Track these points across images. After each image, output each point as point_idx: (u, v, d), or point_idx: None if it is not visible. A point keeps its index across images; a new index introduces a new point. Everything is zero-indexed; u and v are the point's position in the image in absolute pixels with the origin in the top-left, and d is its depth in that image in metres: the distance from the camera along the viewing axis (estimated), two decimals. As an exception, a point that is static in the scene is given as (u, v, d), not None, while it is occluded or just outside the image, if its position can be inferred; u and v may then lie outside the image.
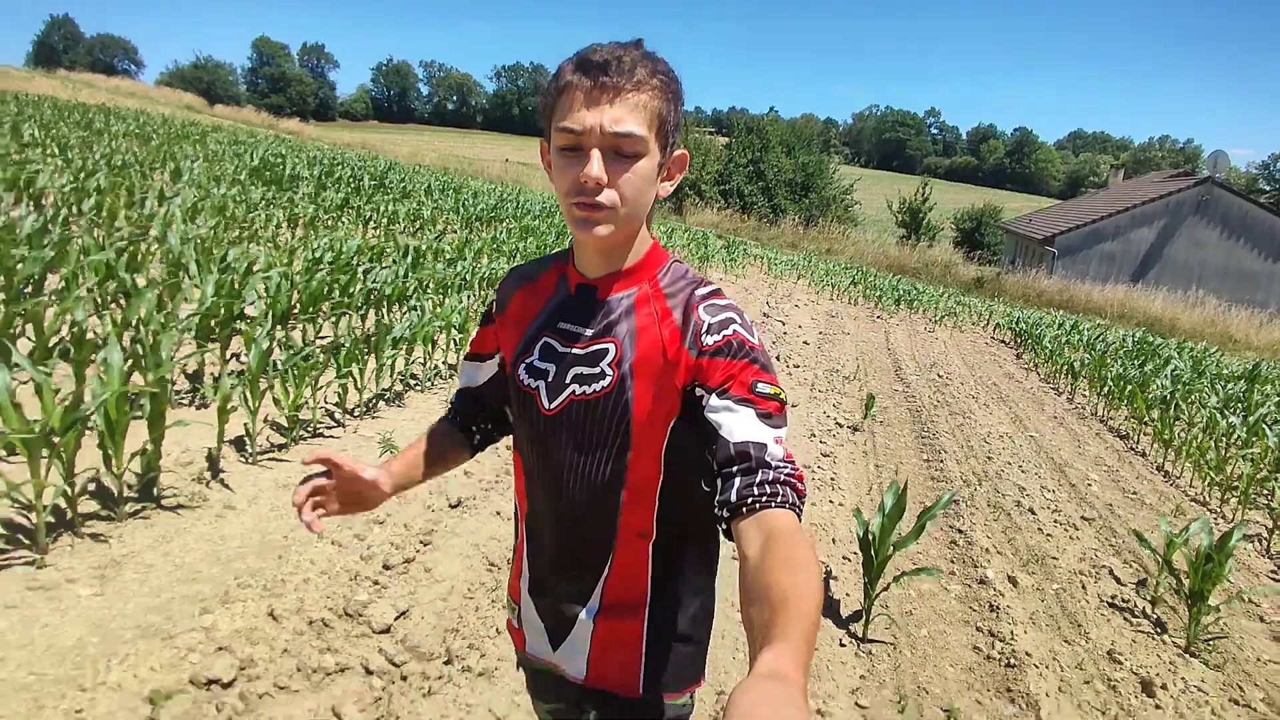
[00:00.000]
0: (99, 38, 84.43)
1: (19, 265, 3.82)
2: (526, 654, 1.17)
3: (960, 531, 4.27)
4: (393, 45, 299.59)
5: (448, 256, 8.12)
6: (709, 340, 0.96)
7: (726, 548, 1.05)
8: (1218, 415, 6.68)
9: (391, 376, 4.71)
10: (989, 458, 5.81)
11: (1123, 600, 3.74)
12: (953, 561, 3.92)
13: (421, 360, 5.27)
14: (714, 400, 0.93)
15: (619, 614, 1.07)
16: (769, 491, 0.86)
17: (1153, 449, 6.86)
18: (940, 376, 8.81)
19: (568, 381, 1.02)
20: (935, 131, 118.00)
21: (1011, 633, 3.19)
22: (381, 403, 4.54)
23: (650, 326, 1.00)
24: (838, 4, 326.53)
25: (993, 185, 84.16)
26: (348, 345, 4.09)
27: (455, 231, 11.32)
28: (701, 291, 1.02)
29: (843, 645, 2.98)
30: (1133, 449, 6.94)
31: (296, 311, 4.40)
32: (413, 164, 28.18)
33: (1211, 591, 3.34)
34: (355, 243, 6.27)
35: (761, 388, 0.93)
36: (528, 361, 1.07)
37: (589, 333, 1.03)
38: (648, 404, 0.98)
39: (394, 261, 6.80)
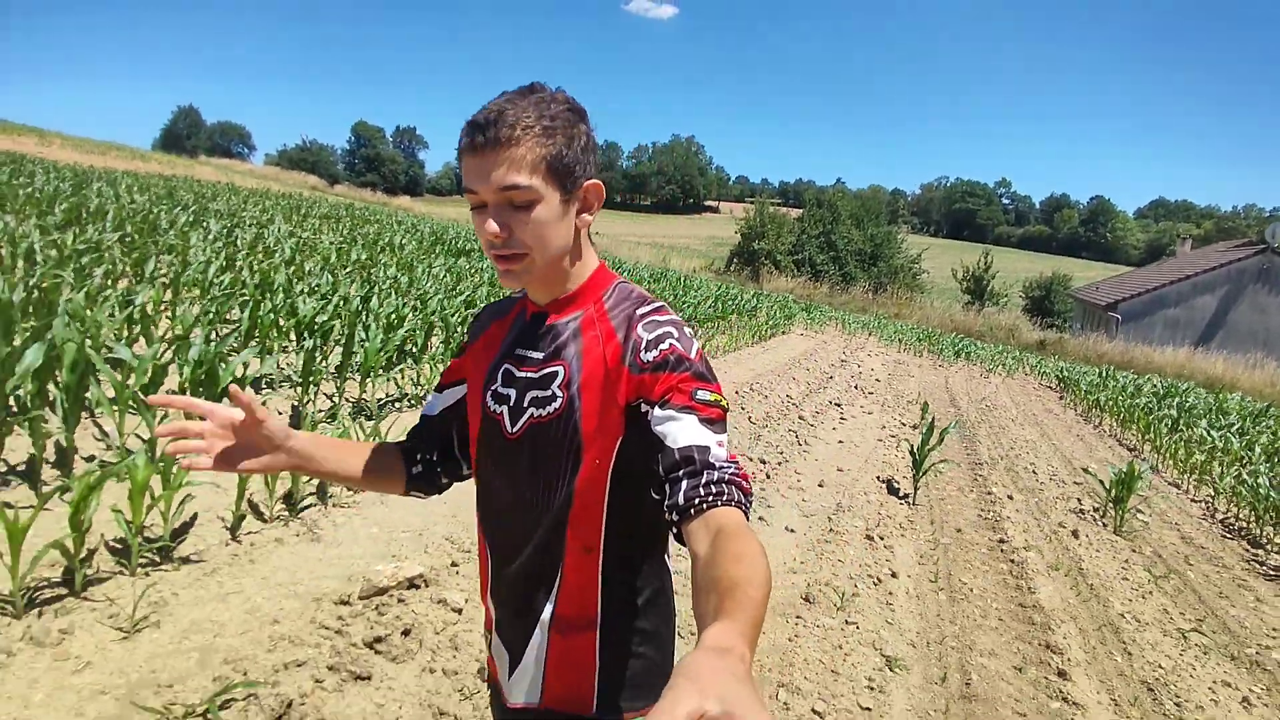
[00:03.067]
0: (219, 124, 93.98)
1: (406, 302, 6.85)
2: (499, 685, 1.17)
3: (982, 477, 6.65)
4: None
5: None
6: (647, 356, 0.99)
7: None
8: (1205, 433, 8.79)
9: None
10: (1012, 448, 8.13)
11: (1080, 510, 6.05)
12: (973, 488, 6.30)
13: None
14: (657, 412, 0.96)
15: (571, 630, 1.08)
16: (714, 491, 0.89)
17: (1151, 456, 8.94)
18: (988, 407, 11.05)
19: (526, 405, 1.06)
20: (1006, 201, 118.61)
21: (1001, 511, 5.58)
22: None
23: (595, 347, 1.04)
24: (907, 79, 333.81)
25: (1066, 254, 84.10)
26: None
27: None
28: (642, 310, 1.05)
29: (900, 506, 5.44)
30: (1135, 456, 9.03)
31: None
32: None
33: (1128, 498, 5.65)
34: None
35: (701, 395, 0.96)
36: (493, 388, 1.11)
37: (540, 356, 1.08)
38: (595, 423, 1.02)
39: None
